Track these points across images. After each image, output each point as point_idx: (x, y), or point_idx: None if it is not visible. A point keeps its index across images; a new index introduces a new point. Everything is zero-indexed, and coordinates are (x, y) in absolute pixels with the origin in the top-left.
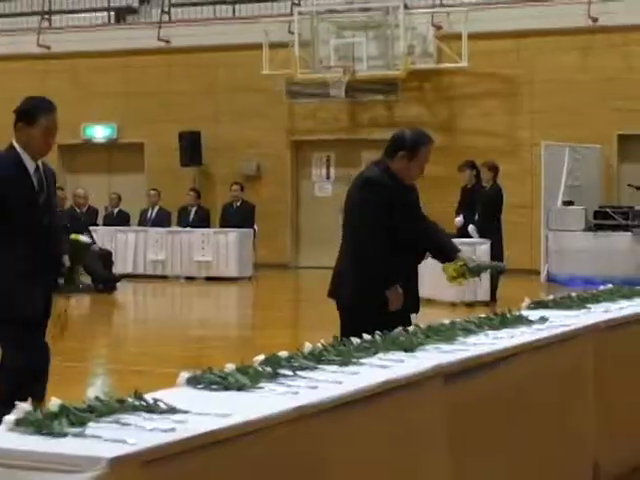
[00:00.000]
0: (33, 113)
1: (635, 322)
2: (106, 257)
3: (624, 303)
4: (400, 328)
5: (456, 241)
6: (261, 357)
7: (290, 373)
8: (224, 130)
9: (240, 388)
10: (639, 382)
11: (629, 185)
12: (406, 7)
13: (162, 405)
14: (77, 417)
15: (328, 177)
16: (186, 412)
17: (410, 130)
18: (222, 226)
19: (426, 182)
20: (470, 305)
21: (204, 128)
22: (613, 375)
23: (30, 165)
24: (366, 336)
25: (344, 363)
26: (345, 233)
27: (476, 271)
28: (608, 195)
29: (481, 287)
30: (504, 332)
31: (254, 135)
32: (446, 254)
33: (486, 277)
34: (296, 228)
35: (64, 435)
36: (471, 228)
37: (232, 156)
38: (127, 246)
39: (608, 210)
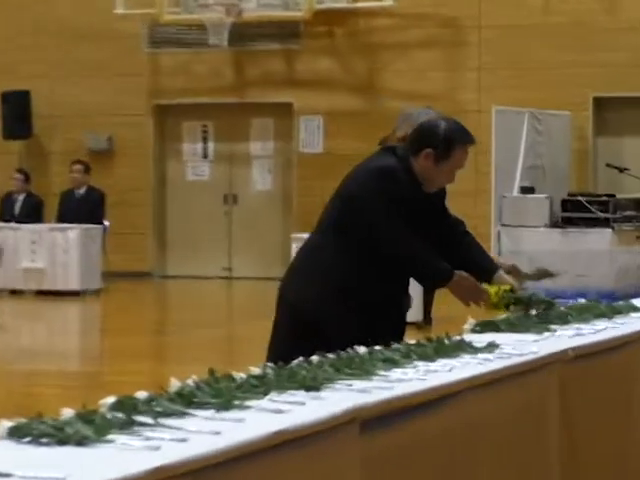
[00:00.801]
0: None
1: (614, 350)
2: None
3: (601, 324)
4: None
5: None
6: (111, 399)
7: (150, 421)
8: (62, 90)
9: (81, 442)
10: (617, 423)
11: (608, 165)
12: None
13: None
14: None
15: (205, 155)
16: (6, 475)
17: (446, 121)
18: (60, 221)
19: (337, 160)
20: None
21: (35, 87)
22: (585, 416)
23: None
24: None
25: (224, 407)
26: (331, 232)
27: (526, 302)
28: (580, 179)
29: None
30: (440, 364)
31: (103, 97)
32: (481, 272)
33: (418, 289)
34: (162, 224)
35: None
36: None
37: (73, 125)
38: None
39: (581, 199)
